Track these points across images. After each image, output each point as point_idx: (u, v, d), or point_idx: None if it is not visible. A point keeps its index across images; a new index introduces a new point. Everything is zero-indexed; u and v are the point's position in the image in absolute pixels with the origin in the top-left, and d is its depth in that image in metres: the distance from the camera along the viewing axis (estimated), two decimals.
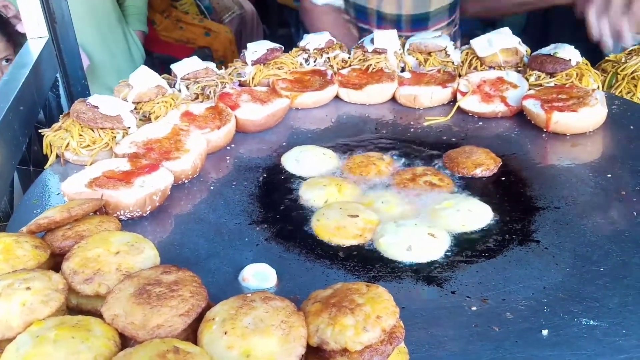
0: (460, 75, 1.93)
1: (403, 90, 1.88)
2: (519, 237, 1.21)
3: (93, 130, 1.53)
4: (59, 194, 1.40)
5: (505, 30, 1.99)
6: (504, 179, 1.44)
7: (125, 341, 0.82)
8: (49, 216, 1.08)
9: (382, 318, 0.81)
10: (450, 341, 0.94)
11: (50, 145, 1.56)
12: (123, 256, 0.96)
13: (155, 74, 1.71)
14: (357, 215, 1.25)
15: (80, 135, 1.52)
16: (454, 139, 1.66)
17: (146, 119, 1.66)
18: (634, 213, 1.25)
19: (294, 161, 1.54)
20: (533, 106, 1.66)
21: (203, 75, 1.82)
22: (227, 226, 1.29)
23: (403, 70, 2.03)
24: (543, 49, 1.89)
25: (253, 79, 1.92)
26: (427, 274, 1.11)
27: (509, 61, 1.92)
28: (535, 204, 1.32)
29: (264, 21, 5.19)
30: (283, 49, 1.99)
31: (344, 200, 1.34)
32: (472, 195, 1.36)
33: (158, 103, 1.66)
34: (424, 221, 1.25)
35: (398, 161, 1.53)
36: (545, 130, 1.64)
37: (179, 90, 1.80)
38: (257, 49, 1.93)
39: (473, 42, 1.97)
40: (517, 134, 1.66)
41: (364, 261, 1.15)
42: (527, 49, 1.97)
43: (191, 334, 0.84)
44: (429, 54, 2.02)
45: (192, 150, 1.48)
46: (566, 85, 1.76)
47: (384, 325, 0.80)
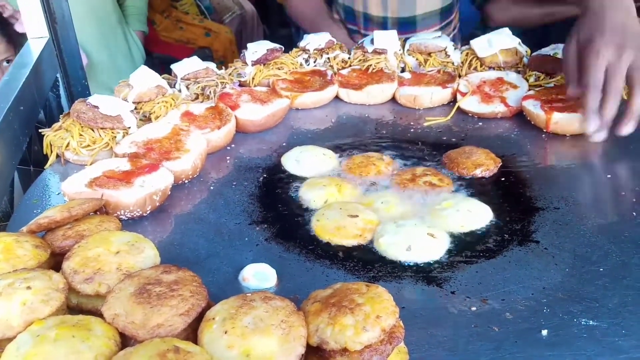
0: (460, 76, 1.93)
1: (403, 90, 1.88)
2: (519, 238, 1.21)
3: (93, 130, 1.53)
4: (59, 193, 1.41)
5: (505, 30, 1.99)
6: (503, 179, 1.44)
7: (125, 340, 0.82)
8: (50, 216, 1.08)
9: (382, 318, 0.81)
10: (450, 341, 0.94)
11: (51, 145, 1.56)
12: (123, 256, 0.97)
13: (156, 74, 1.71)
14: (357, 216, 1.25)
15: (81, 135, 1.52)
16: (453, 140, 1.66)
17: (146, 119, 1.66)
18: (634, 213, 1.25)
19: (294, 161, 1.54)
20: (533, 107, 1.66)
21: (203, 76, 1.82)
22: (227, 226, 1.29)
23: (403, 70, 2.03)
24: (543, 50, 1.89)
25: (253, 79, 1.92)
26: (427, 274, 1.11)
27: (508, 62, 1.92)
28: (535, 205, 1.32)
29: (264, 21, 5.19)
30: (283, 49, 1.99)
31: (343, 200, 1.35)
32: (472, 196, 1.36)
33: (158, 103, 1.67)
34: (423, 221, 1.25)
35: (398, 161, 1.53)
36: (545, 130, 1.64)
37: (179, 91, 1.80)
38: (257, 49, 1.93)
39: (473, 43, 1.97)
40: (517, 135, 1.67)
41: (364, 261, 1.16)
42: (527, 49, 1.97)
43: (191, 333, 0.84)
44: (429, 54, 2.02)
45: (192, 150, 1.48)
46: None
47: (384, 325, 0.81)
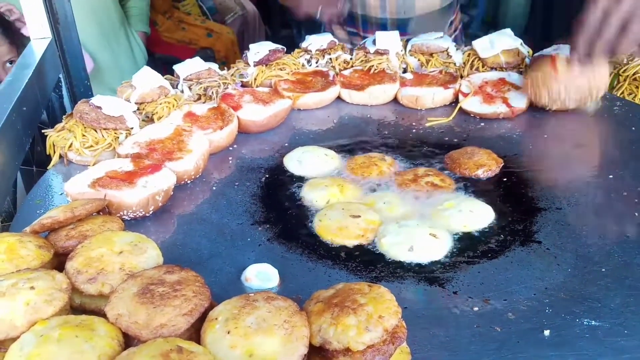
0: (462, 77, 1.93)
1: (405, 91, 1.88)
2: (521, 238, 1.21)
3: (96, 131, 1.53)
4: (62, 194, 1.41)
5: (507, 31, 1.99)
6: (505, 179, 1.44)
7: (128, 340, 0.82)
8: (53, 216, 1.08)
9: (385, 318, 0.81)
10: (453, 341, 0.94)
11: (54, 145, 1.56)
12: (126, 256, 0.97)
13: (158, 75, 1.72)
14: (359, 216, 1.25)
15: (84, 135, 1.53)
16: (455, 140, 1.66)
17: (149, 120, 1.66)
18: (636, 214, 1.25)
19: (296, 162, 1.54)
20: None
21: (205, 76, 1.82)
22: (230, 226, 1.30)
23: (405, 71, 2.03)
24: (545, 50, 1.89)
25: (255, 79, 1.92)
26: (429, 274, 1.11)
27: (510, 62, 1.92)
28: (537, 205, 1.32)
29: (266, 22, 5.20)
30: (285, 50, 1.99)
31: (346, 200, 1.35)
32: (474, 196, 1.36)
33: (161, 104, 1.67)
34: (425, 222, 1.25)
35: (400, 162, 1.53)
36: (553, 72, 1.66)
37: (182, 91, 1.80)
38: (259, 50, 1.94)
39: (475, 43, 1.97)
40: (519, 135, 1.67)
41: (366, 261, 1.16)
42: (529, 50, 1.97)
43: (194, 333, 0.84)
44: (431, 55, 2.03)
45: (195, 150, 1.48)
46: None
47: (386, 325, 0.81)
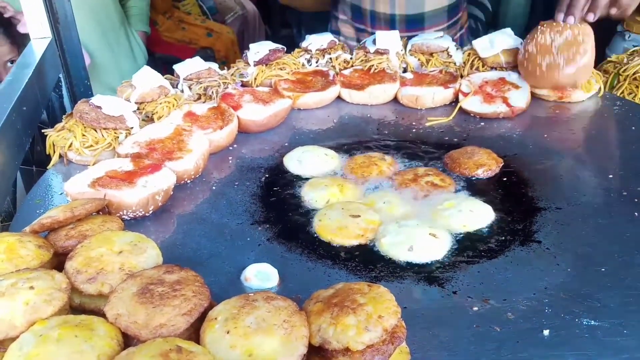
0: (462, 76, 1.93)
1: (405, 90, 1.88)
2: (521, 238, 1.21)
3: (96, 131, 1.53)
4: (62, 193, 1.41)
5: (507, 31, 1.99)
6: (505, 179, 1.44)
7: (128, 340, 0.82)
8: (52, 216, 1.08)
9: (384, 318, 0.81)
10: (452, 341, 0.94)
11: (53, 145, 1.56)
12: (126, 256, 0.97)
13: (158, 75, 1.72)
14: (359, 216, 1.25)
15: (83, 135, 1.53)
16: (455, 140, 1.66)
17: (149, 119, 1.66)
18: (636, 214, 1.25)
19: (296, 161, 1.54)
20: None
21: (205, 76, 1.82)
22: (230, 226, 1.30)
23: (405, 70, 2.03)
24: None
25: (255, 79, 1.92)
26: (429, 274, 1.11)
27: (510, 62, 1.92)
28: (537, 205, 1.32)
29: (266, 22, 5.20)
30: (285, 49, 1.99)
31: (345, 200, 1.35)
32: (474, 196, 1.36)
33: (161, 103, 1.67)
34: (425, 221, 1.25)
35: (400, 162, 1.53)
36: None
37: (182, 91, 1.80)
38: (260, 49, 1.94)
39: (475, 43, 1.97)
40: (519, 135, 1.67)
41: (366, 261, 1.16)
42: None
43: (194, 333, 0.84)
44: (431, 54, 2.02)
45: (195, 150, 1.48)
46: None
47: (386, 325, 0.81)
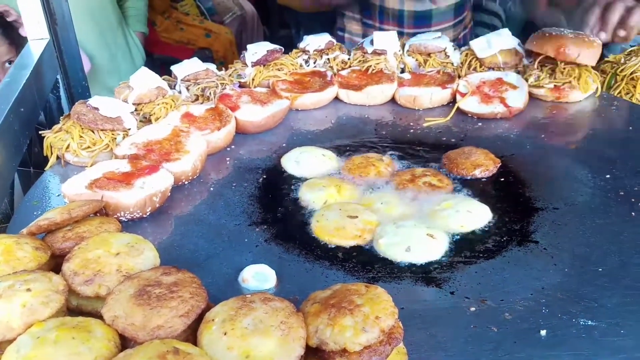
0: (459, 76, 1.93)
1: (403, 91, 1.89)
2: (518, 238, 1.21)
3: (93, 132, 1.53)
4: (59, 195, 1.41)
5: (505, 31, 1.99)
6: (503, 179, 1.44)
7: (125, 342, 0.82)
8: (50, 217, 1.08)
9: (381, 319, 0.81)
10: (449, 342, 0.94)
11: (51, 146, 1.56)
12: (123, 257, 0.97)
13: (156, 76, 1.71)
14: (357, 216, 1.25)
15: (81, 136, 1.52)
16: (453, 140, 1.67)
17: (146, 121, 1.66)
18: (633, 214, 1.26)
19: (294, 162, 1.54)
20: None
21: (203, 77, 1.82)
22: (227, 227, 1.30)
23: (403, 71, 2.03)
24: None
25: (253, 80, 1.92)
26: (426, 274, 1.11)
27: (508, 62, 1.92)
28: (534, 205, 1.32)
29: (265, 22, 5.20)
30: (283, 50, 1.99)
31: (343, 201, 1.35)
32: (471, 196, 1.36)
33: (158, 104, 1.67)
34: (423, 222, 1.25)
35: (397, 162, 1.53)
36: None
37: (179, 92, 1.80)
38: (257, 50, 1.94)
39: (472, 43, 1.98)
40: (516, 135, 1.67)
41: (363, 262, 1.16)
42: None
43: (191, 334, 0.84)
44: (429, 55, 2.03)
45: (192, 151, 1.48)
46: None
47: (383, 326, 0.81)
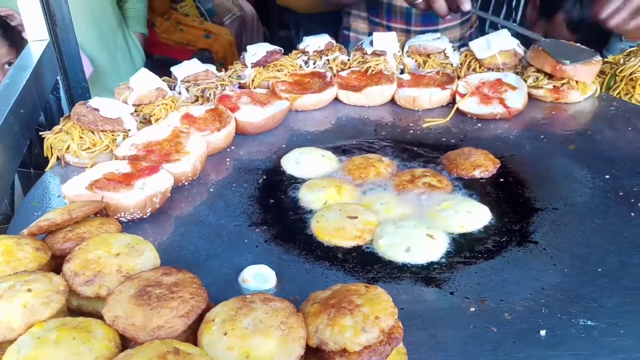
0: (459, 77, 1.93)
1: (402, 92, 1.89)
2: (518, 238, 1.21)
3: (93, 133, 1.53)
4: (59, 196, 1.41)
5: (504, 32, 2.00)
6: (502, 180, 1.44)
7: (125, 342, 0.82)
8: (50, 218, 1.08)
9: (381, 319, 0.81)
10: (449, 342, 0.94)
11: (51, 147, 1.56)
12: (123, 258, 0.97)
13: (156, 77, 1.72)
14: (356, 217, 1.26)
15: (81, 137, 1.53)
16: (452, 141, 1.67)
17: (146, 122, 1.66)
18: (632, 214, 1.26)
19: (294, 163, 1.54)
20: None
21: (203, 78, 1.82)
22: (227, 228, 1.30)
23: (402, 72, 2.04)
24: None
25: (253, 81, 1.92)
26: (426, 275, 1.11)
27: (507, 63, 1.93)
28: (534, 205, 1.33)
29: (264, 23, 5.21)
30: (283, 51, 1.99)
31: (343, 201, 1.35)
32: (471, 197, 1.36)
33: (158, 105, 1.67)
34: (422, 222, 1.25)
35: (397, 163, 1.54)
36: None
37: (179, 93, 1.80)
38: (257, 51, 1.94)
39: (472, 44, 1.98)
40: (516, 136, 1.67)
41: (363, 262, 1.16)
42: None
43: (191, 335, 0.84)
44: (428, 56, 2.03)
45: (192, 152, 1.48)
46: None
47: (383, 326, 0.81)
